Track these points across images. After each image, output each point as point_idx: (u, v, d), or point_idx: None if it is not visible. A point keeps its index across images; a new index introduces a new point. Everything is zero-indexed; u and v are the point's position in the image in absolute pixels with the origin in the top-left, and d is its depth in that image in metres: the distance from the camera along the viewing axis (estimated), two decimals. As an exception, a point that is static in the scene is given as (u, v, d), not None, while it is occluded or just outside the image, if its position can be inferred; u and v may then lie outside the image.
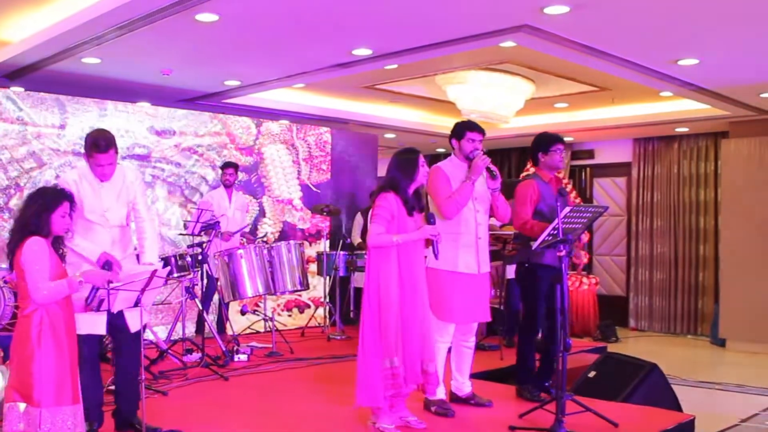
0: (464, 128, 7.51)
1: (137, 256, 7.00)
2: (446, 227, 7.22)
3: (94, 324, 6.18)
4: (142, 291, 6.06)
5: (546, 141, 8.02)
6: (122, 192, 6.77)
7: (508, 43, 9.51)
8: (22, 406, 5.24)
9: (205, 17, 8.44)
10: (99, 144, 6.46)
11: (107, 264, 5.98)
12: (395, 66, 10.93)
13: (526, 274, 7.97)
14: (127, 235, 6.92)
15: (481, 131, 7.50)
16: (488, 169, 7.33)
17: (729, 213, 14.61)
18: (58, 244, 5.58)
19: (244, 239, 11.52)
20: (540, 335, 8.22)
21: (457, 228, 7.29)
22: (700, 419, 7.53)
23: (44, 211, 5.39)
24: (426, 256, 7.10)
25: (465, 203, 7.20)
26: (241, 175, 12.37)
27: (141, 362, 6.42)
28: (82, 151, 6.73)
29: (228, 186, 11.42)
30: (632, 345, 15.05)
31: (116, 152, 6.63)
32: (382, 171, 8.12)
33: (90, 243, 6.52)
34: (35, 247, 5.29)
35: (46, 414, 5.21)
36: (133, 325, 6.47)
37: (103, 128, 6.82)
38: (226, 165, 11.56)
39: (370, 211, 6.77)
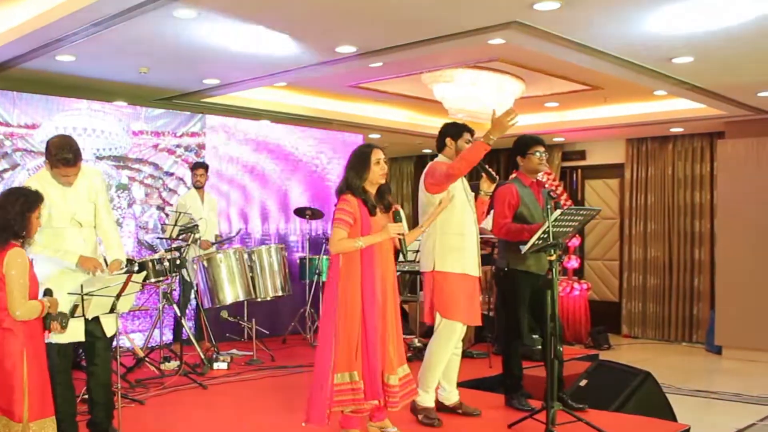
0: (462, 129, 7.59)
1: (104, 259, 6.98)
2: (449, 228, 7.29)
3: (74, 331, 6.18)
4: (118, 296, 6.06)
5: (524, 144, 8.07)
6: (88, 191, 6.74)
7: (497, 41, 9.51)
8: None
9: (184, 13, 8.41)
10: (67, 158, 6.39)
11: (47, 291, 5.86)
12: (380, 64, 10.91)
13: (506, 280, 8.00)
14: (94, 236, 6.89)
15: (474, 134, 7.62)
16: (487, 172, 7.49)
17: (725, 216, 14.65)
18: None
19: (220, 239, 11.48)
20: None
21: (461, 229, 7.32)
22: (696, 429, 7.56)
23: (27, 210, 5.40)
24: (416, 260, 7.12)
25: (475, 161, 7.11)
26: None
27: (113, 370, 6.43)
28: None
29: (199, 187, 11.38)
30: (625, 352, 15.09)
31: (81, 158, 6.59)
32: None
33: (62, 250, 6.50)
34: (20, 259, 5.30)
35: (34, 427, 5.23)
36: (109, 330, 6.47)
37: (67, 135, 6.74)
38: (197, 166, 11.53)
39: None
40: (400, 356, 6.64)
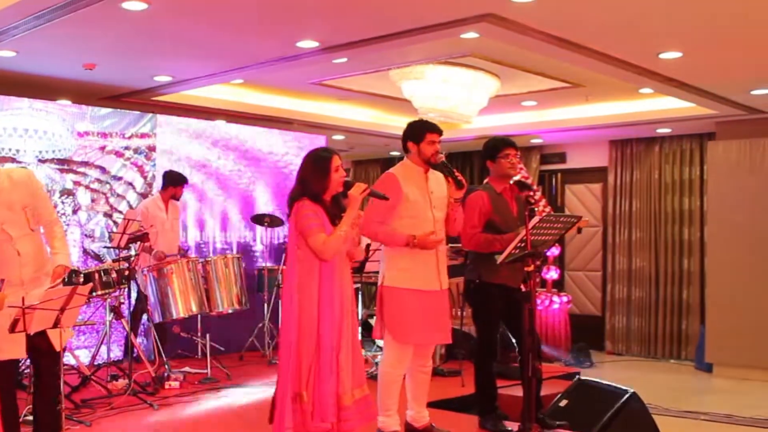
0: (424, 129, 7.40)
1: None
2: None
3: (16, 347, 6.18)
4: (62, 310, 6.05)
5: (493, 147, 8.02)
6: (11, 196, 6.54)
7: (471, 35, 9.56)
8: None
9: (133, 5, 8.40)
10: None
11: None
12: (344, 60, 10.97)
13: (477, 293, 7.96)
14: (32, 245, 6.72)
15: (440, 131, 7.44)
16: (453, 177, 7.26)
17: (716, 223, 14.72)
18: None
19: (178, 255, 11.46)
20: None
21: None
22: (683, 451, 7.63)
23: None
24: (379, 272, 7.11)
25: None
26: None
27: (61, 388, 6.42)
28: None
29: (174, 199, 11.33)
30: (608, 370, 15.15)
31: None
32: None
33: None
34: None
35: None
36: (57, 344, 6.45)
37: None
38: (180, 180, 11.50)
39: (292, 227, 6.43)
40: (358, 377, 6.53)
